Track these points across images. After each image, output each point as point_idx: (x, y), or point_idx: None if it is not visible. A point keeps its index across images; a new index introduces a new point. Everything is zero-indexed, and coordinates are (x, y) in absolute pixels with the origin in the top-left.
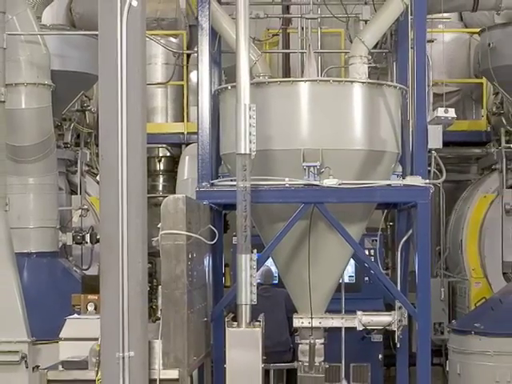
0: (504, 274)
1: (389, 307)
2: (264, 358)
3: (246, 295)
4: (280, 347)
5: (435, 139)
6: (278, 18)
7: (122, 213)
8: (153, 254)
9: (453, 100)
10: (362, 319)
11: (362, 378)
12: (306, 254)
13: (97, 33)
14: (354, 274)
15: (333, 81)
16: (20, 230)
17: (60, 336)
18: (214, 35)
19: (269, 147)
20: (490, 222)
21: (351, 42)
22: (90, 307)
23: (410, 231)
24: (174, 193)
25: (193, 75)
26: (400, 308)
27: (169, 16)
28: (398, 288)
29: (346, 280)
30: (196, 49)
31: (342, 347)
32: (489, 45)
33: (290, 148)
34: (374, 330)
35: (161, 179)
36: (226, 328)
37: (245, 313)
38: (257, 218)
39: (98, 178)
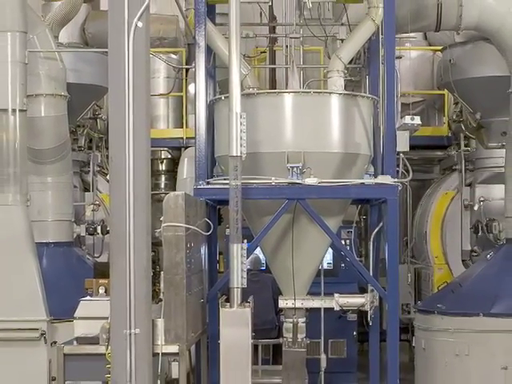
0: (463, 261)
1: (362, 290)
2: (253, 334)
3: (238, 279)
4: (267, 325)
5: (403, 143)
6: (265, 37)
7: (129, 208)
8: (156, 244)
9: (418, 109)
10: (338, 301)
11: (338, 352)
12: (289, 244)
13: (107, 50)
14: (331, 261)
15: (313, 92)
16: (40, 223)
17: (75, 315)
18: (210, 52)
19: (257, 150)
20: (450, 215)
21: (329, 58)
22: (101, 290)
23: (381, 224)
24: (175, 190)
25: (191, 87)
26: (372, 291)
27: (170, 35)
28: (371, 273)
29: (325, 266)
30: (194, 64)
31: (322, 325)
32: (450, 61)
33: (276, 151)
34: (349, 310)
35: (163, 178)
36: (220, 308)
37: (236, 295)
38: (247, 212)
39: (108, 177)
